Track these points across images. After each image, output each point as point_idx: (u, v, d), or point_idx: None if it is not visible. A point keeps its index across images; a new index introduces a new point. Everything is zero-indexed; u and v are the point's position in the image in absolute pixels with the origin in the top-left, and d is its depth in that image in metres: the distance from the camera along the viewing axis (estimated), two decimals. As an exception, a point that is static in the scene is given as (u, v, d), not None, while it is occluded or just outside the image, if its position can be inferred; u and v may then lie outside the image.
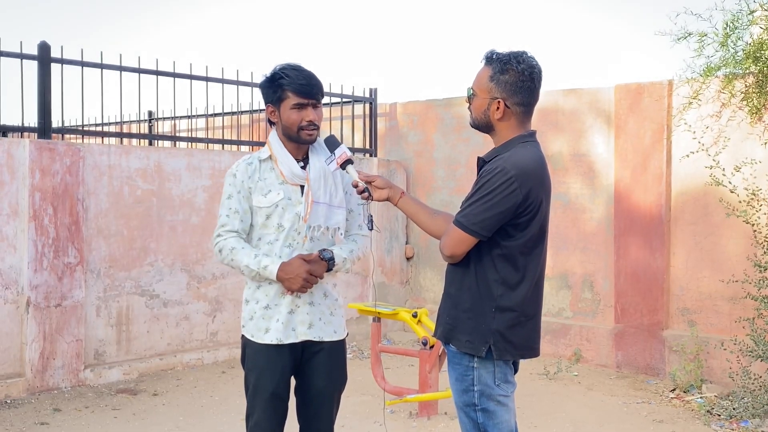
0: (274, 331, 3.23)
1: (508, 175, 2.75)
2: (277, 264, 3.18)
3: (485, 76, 2.89)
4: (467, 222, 2.79)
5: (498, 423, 2.89)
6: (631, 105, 7.19)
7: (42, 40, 6.49)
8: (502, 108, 2.86)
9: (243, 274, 3.29)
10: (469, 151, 8.40)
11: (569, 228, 7.63)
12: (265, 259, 3.20)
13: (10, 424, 5.46)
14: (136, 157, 6.86)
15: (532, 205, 2.80)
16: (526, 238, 2.83)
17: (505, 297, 2.83)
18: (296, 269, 3.17)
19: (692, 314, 6.85)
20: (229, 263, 3.27)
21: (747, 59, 6.31)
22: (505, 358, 2.87)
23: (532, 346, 2.93)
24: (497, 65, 2.87)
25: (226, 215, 3.29)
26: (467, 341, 2.86)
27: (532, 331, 2.93)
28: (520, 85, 2.85)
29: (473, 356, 2.87)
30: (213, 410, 5.90)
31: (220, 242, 3.28)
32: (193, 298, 7.22)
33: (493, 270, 2.83)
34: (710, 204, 6.72)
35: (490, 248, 2.83)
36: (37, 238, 6.16)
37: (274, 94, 3.27)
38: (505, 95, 2.85)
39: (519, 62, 2.85)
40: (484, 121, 2.92)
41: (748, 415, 5.61)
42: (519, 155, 2.81)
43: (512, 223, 2.80)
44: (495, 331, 2.83)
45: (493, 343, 2.83)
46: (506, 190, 2.74)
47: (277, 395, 3.24)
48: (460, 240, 2.82)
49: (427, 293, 8.84)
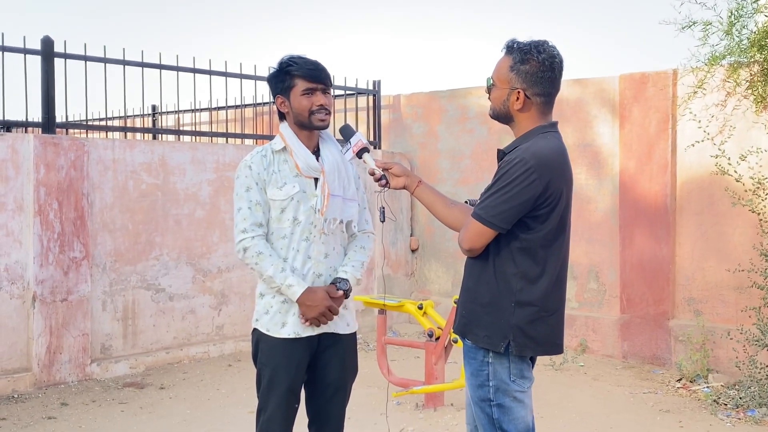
0: (292, 324, 3.22)
1: (527, 165, 2.69)
2: (303, 288, 3.16)
3: (505, 66, 2.83)
4: (486, 215, 2.73)
5: (514, 419, 2.82)
6: (635, 94, 7.17)
7: (45, 35, 6.48)
8: (522, 99, 2.80)
9: (261, 279, 3.26)
10: (473, 143, 8.39)
11: (574, 218, 7.53)
12: (291, 278, 3.16)
13: (18, 419, 5.48)
14: (141, 152, 6.86)
15: (552, 196, 2.74)
16: (546, 231, 2.77)
17: (524, 291, 2.77)
18: (319, 301, 3.16)
19: (698, 304, 6.84)
20: (252, 266, 3.22)
21: (752, 47, 6.28)
22: (525, 354, 2.81)
23: (554, 341, 2.86)
24: (518, 55, 2.80)
25: (248, 207, 3.22)
26: (485, 336, 2.80)
27: (555, 327, 2.85)
28: (541, 76, 2.79)
29: (489, 351, 2.81)
30: (219, 403, 5.91)
31: (246, 241, 3.20)
32: (198, 291, 7.23)
33: (512, 264, 2.77)
34: (716, 193, 6.70)
35: (509, 241, 2.77)
36: (43, 233, 6.17)
37: (282, 83, 3.26)
38: (525, 85, 2.79)
39: (540, 52, 2.79)
40: (504, 112, 2.87)
41: (754, 405, 5.61)
42: (539, 146, 2.75)
43: (531, 215, 2.74)
44: (514, 326, 2.77)
45: (513, 338, 2.77)
46: (525, 181, 2.69)
47: (292, 390, 3.23)
48: (479, 233, 2.76)
49: (432, 285, 8.84)
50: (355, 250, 3.39)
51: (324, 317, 3.19)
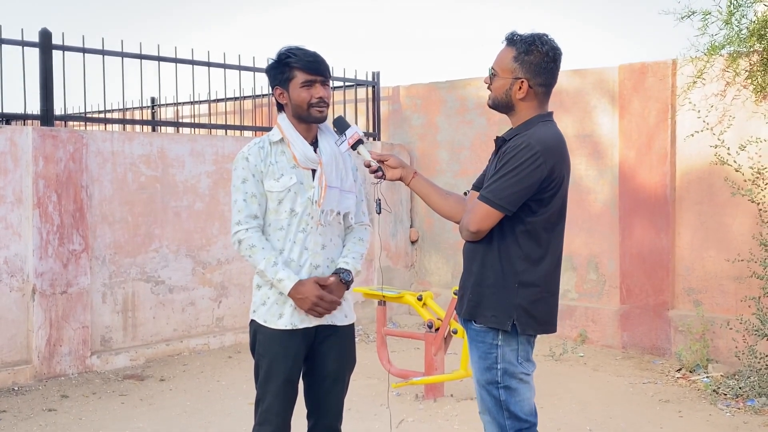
0: (288, 316, 3.22)
1: (533, 150, 2.80)
2: (293, 281, 3.16)
3: (508, 57, 2.93)
4: (493, 197, 2.83)
5: (520, 401, 2.94)
6: (635, 85, 7.15)
7: (43, 27, 6.46)
8: (525, 88, 2.91)
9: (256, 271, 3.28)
10: (472, 134, 8.38)
11: (574, 209, 7.59)
12: (282, 272, 3.16)
13: (18, 411, 5.49)
14: (140, 144, 6.85)
15: (555, 180, 2.86)
16: (548, 214, 2.88)
17: (527, 272, 2.89)
18: (308, 293, 3.16)
19: (698, 294, 6.84)
20: (247, 258, 3.24)
21: (751, 37, 6.26)
22: (528, 333, 2.93)
23: (552, 321, 3.01)
24: (522, 46, 2.91)
25: (243, 200, 3.22)
26: (492, 316, 2.91)
27: (554, 307, 2.99)
28: (544, 66, 2.90)
29: (497, 334, 2.91)
30: (220, 395, 5.92)
31: (240, 234, 3.22)
32: (198, 283, 7.23)
33: (516, 246, 2.88)
34: (715, 183, 6.70)
35: (513, 225, 2.87)
36: (42, 226, 6.16)
37: (281, 75, 3.25)
38: (528, 75, 2.90)
39: (543, 43, 2.90)
40: (505, 101, 2.96)
41: (754, 394, 5.62)
42: (543, 132, 2.87)
43: (536, 199, 2.85)
44: (518, 305, 2.89)
45: (516, 318, 2.89)
46: (532, 165, 2.79)
47: (289, 381, 3.23)
48: (487, 215, 2.85)
49: (432, 276, 8.85)
50: (354, 242, 3.40)
51: (318, 307, 3.18)
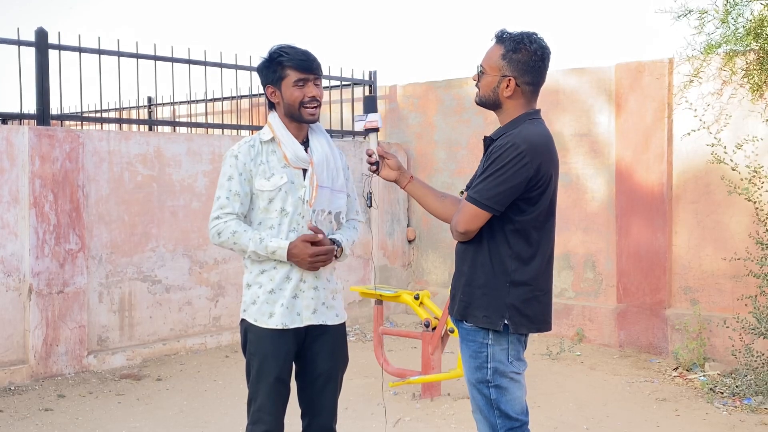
0: (279, 315, 3.20)
1: (519, 149, 2.80)
2: (286, 248, 3.15)
3: (497, 54, 2.93)
4: (480, 197, 2.83)
5: (510, 399, 2.95)
6: (632, 84, 7.16)
7: (39, 26, 6.45)
8: (512, 86, 2.91)
9: (244, 257, 3.26)
10: (469, 133, 8.38)
11: (571, 208, 7.62)
12: (271, 244, 3.16)
13: (15, 411, 5.48)
14: (136, 143, 6.84)
15: (542, 179, 2.85)
16: (537, 212, 2.88)
17: (519, 271, 2.88)
18: (300, 250, 3.15)
19: (695, 293, 6.85)
20: (231, 246, 3.22)
21: (748, 36, 6.27)
22: (521, 332, 2.92)
23: (546, 319, 3.00)
24: (510, 44, 2.91)
25: (226, 197, 3.22)
26: (484, 316, 2.91)
27: (547, 306, 2.98)
28: (532, 65, 2.91)
29: (488, 333, 2.92)
30: (216, 394, 5.91)
31: (219, 225, 3.21)
32: (195, 283, 7.22)
33: (506, 246, 2.88)
34: (712, 182, 6.70)
35: (502, 224, 2.87)
36: (38, 225, 6.15)
37: (274, 73, 3.23)
38: (516, 74, 2.91)
39: (531, 42, 2.91)
40: (492, 99, 2.97)
41: (750, 393, 5.62)
42: (528, 131, 2.87)
43: (524, 198, 2.84)
44: (510, 305, 2.88)
45: (509, 317, 2.89)
46: (518, 164, 2.79)
47: (281, 380, 3.22)
48: (474, 216, 2.85)
49: (429, 275, 8.85)
50: (347, 228, 3.41)
51: (317, 262, 3.17)
